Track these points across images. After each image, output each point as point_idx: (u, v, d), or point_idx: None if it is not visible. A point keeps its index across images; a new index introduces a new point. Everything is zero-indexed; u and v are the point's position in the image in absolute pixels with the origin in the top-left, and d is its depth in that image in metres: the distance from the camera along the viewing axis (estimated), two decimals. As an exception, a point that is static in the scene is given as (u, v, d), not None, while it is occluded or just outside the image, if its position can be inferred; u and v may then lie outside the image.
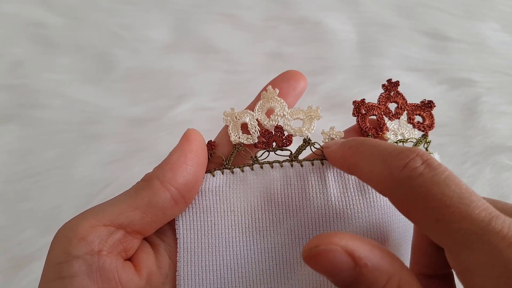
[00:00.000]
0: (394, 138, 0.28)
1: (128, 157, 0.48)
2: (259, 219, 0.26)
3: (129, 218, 0.23)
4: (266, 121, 0.28)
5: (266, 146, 0.27)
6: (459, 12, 0.57)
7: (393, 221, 0.27)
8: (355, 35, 0.55)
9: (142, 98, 0.50)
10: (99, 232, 0.22)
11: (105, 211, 0.23)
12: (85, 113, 0.49)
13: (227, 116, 0.28)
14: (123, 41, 0.53)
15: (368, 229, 0.26)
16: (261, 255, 0.26)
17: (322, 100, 0.51)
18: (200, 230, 0.26)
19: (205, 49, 0.53)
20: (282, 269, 0.26)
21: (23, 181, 0.46)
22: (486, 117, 0.52)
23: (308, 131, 0.28)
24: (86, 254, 0.21)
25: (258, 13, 0.55)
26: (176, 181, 0.24)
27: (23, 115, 0.49)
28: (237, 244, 0.26)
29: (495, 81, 0.54)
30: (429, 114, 0.29)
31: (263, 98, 0.28)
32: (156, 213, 0.24)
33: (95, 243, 0.22)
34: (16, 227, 0.44)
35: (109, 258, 0.22)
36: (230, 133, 0.28)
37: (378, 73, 0.53)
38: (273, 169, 0.27)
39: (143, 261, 0.24)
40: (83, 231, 0.22)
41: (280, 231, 0.26)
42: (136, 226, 0.23)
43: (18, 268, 0.43)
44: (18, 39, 0.52)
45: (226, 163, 0.28)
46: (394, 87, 0.29)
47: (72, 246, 0.21)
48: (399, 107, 0.28)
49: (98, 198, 0.46)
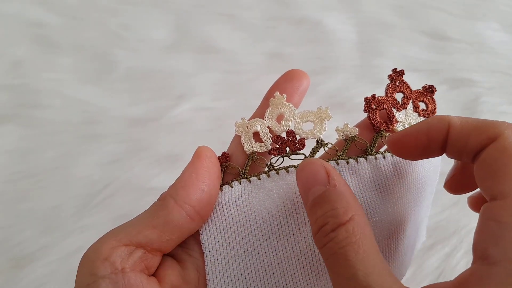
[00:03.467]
0: (403, 128, 0.28)
1: (128, 157, 0.48)
2: (281, 224, 0.26)
3: (147, 237, 0.24)
4: (277, 127, 0.28)
5: (280, 152, 0.28)
6: (459, 12, 0.57)
7: (411, 214, 0.27)
8: (355, 35, 0.55)
9: (142, 98, 0.50)
10: (120, 251, 0.23)
11: (124, 231, 0.24)
12: (85, 113, 0.49)
13: (239, 126, 0.28)
14: (123, 41, 0.53)
15: (388, 223, 0.26)
16: (287, 260, 0.26)
17: (322, 100, 0.51)
18: (225, 241, 0.26)
19: (205, 49, 0.53)
20: (311, 270, 0.26)
21: (23, 181, 0.46)
22: (486, 117, 0.51)
23: (320, 132, 0.28)
24: (111, 273, 0.22)
25: (258, 13, 0.55)
26: (190, 198, 0.25)
27: (23, 115, 0.49)
28: (263, 251, 0.26)
29: (495, 81, 0.54)
30: (431, 99, 0.29)
31: (271, 104, 0.28)
32: (173, 231, 0.24)
33: (117, 262, 0.23)
34: (16, 227, 0.44)
35: (134, 274, 0.23)
36: (243, 143, 0.28)
37: (378, 73, 0.53)
38: (289, 173, 0.27)
39: (167, 277, 0.25)
40: (105, 252, 0.23)
41: (303, 234, 0.26)
42: (155, 245, 0.24)
43: (18, 268, 0.43)
44: (18, 39, 0.52)
45: (242, 173, 0.28)
46: (399, 76, 0.29)
47: (97, 268, 0.22)
48: (405, 97, 0.29)
49: (98, 198, 0.46)
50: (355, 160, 0.27)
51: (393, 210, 0.26)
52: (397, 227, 0.27)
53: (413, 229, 0.29)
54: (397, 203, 0.27)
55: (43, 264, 0.43)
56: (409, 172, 0.27)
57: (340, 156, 0.27)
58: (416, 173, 0.27)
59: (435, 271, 0.43)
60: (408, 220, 0.27)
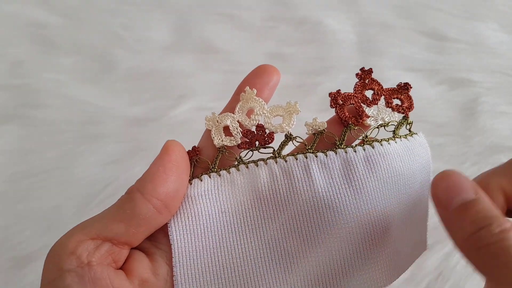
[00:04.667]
0: (375, 123, 0.28)
1: (128, 157, 0.48)
2: (250, 217, 0.27)
3: (113, 230, 0.24)
4: (247, 122, 0.28)
5: (249, 146, 0.28)
6: (459, 12, 0.57)
7: (387, 204, 0.27)
8: (355, 35, 0.55)
9: (142, 98, 0.50)
10: (87, 245, 0.23)
11: (91, 225, 0.24)
12: (85, 113, 0.49)
13: (209, 121, 0.29)
14: (123, 41, 0.53)
15: (358, 216, 0.26)
16: (255, 252, 0.26)
17: (322, 100, 0.51)
18: (193, 234, 0.26)
19: (205, 49, 0.53)
20: (280, 263, 0.26)
21: (23, 181, 0.46)
22: (485, 117, 0.52)
23: (289, 126, 0.28)
24: (77, 267, 0.22)
25: (258, 13, 0.55)
26: (157, 191, 0.25)
27: (23, 115, 0.49)
28: (230, 243, 0.26)
29: (495, 81, 0.54)
30: (407, 96, 0.29)
31: (242, 99, 0.29)
32: (140, 224, 0.24)
33: (83, 256, 0.23)
34: (16, 227, 0.44)
35: (100, 267, 0.23)
36: (213, 137, 0.28)
37: (378, 73, 0.52)
38: (258, 167, 0.27)
39: (135, 269, 0.25)
40: (71, 246, 0.23)
41: (272, 227, 0.27)
42: (122, 238, 0.24)
43: (18, 268, 0.43)
44: (18, 39, 0.52)
45: (212, 166, 0.28)
46: (368, 74, 0.29)
47: (63, 261, 0.23)
48: (376, 93, 0.29)
49: (98, 198, 0.46)
50: (324, 153, 0.27)
51: (368, 206, 0.26)
52: (377, 225, 0.26)
53: (401, 231, 0.28)
54: (372, 198, 0.26)
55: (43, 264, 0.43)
56: (384, 166, 0.26)
57: (308, 149, 0.27)
58: (394, 167, 0.27)
59: (435, 271, 0.43)
60: (391, 219, 0.27)
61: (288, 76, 0.53)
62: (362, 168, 0.26)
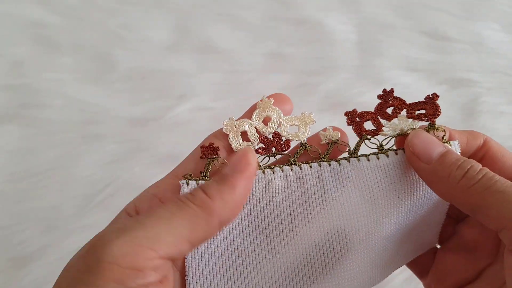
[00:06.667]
0: (393, 132, 0.28)
1: (128, 157, 0.48)
2: (262, 221, 0.27)
3: (182, 252, 0.22)
4: (264, 129, 0.29)
5: (266, 152, 0.29)
6: (459, 12, 0.57)
7: (401, 219, 0.27)
8: (355, 35, 0.55)
9: (142, 98, 0.50)
10: (155, 265, 0.21)
11: (161, 241, 0.21)
12: (85, 113, 0.49)
13: (227, 125, 0.29)
14: (123, 41, 0.53)
15: (367, 225, 0.27)
16: (265, 256, 0.27)
17: (322, 100, 0.51)
18: None
19: (205, 49, 0.53)
20: (289, 268, 0.27)
21: (23, 181, 0.46)
22: (485, 117, 0.52)
23: (304, 135, 0.29)
24: (140, 286, 0.20)
25: (258, 13, 0.55)
26: (230, 220, 0.24)
27: (23, 115, 0.49)
28: (241, 246, 0.27)
29: (495, 81, 0.54)
30: (432, 105, 0.29)
31: (259, 107, 0.30)
32: (201, 242, 0.23)
33: (151, 277, 0.21)
34: (16, 227, 0.44)
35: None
36: (231, 141, 0.29)
37: (378, 73, 0.53)
38: (275, 173, 0.28)
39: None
40: (140, 262, 0.20)
41: (283, 233, 0.27)
42: (181, 257, 0.23)
43: (18, 268, 0.43)
44: (18, 39, 0.52)
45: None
46: (389, 94, 0.29)
47: (127, 278, 0.20)
48: (396, 107, 0.29)
49: (98, 198, 0.46)
50: (337, 162, 0.28)
51: (378, 213, 0.27)
52: (384, 232, 0.27)
53: (406, 237, 0.29)
54: (382, 205, 0.27)
55: (43, 264, 0.43)
56: (398, 175, 0.27)
57: (322, 158, 0.28)
58: (406, 177, 0.27)
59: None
60: (397, 225, 0.27)
61: (288, 76, 0.53)
62: (376, 177, 0.27)
